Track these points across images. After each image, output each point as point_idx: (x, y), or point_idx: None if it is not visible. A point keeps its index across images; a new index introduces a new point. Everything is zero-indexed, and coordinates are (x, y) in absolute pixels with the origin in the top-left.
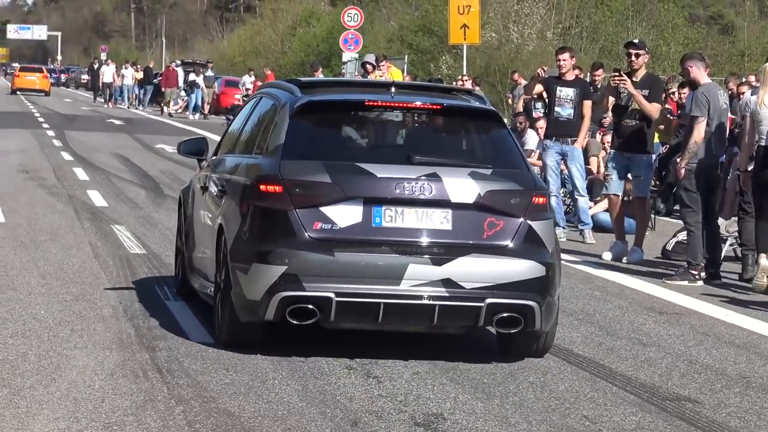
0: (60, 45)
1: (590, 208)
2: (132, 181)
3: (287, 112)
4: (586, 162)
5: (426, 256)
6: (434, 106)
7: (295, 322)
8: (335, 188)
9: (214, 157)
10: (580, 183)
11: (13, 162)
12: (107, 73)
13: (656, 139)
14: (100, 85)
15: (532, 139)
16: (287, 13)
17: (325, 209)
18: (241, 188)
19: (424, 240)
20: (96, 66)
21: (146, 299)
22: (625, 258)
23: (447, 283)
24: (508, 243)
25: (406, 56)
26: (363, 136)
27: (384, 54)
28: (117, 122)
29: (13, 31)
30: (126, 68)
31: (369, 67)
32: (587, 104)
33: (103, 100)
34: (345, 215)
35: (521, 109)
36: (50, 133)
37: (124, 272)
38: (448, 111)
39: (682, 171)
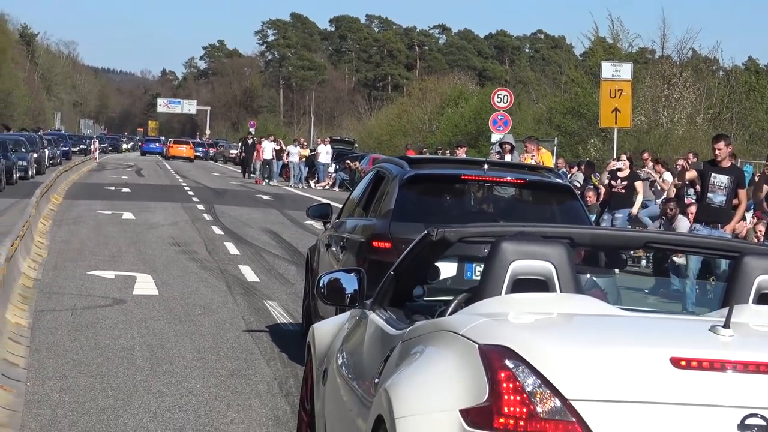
0: (209, 119)
1: None
2: (282, 257)
3: (397, 183)
4: None
5: None
6: (518, 181)
7: None
8: None
9: (336, 220)
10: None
11: (165, 235)
12: (267, 150)
13: None
14: (260, 161)
15: (683, 224)
16: (435, 92)
17: None
18: (357, 244)
19: None
20: (250, 141)
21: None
22: None
23: None
24: None
25: (556, 138)
26: (459, 203)
27: (536, 137)
28: (265, 197)
29: (163, 105)
30: (295, 145)
31: (507, 146)
32: (742, 192)
33: (262, 177)
34: (442, 269)
35: (672, 195)
36: (200, 206)
37: (278, 348)
38: (530, 185)
39: None
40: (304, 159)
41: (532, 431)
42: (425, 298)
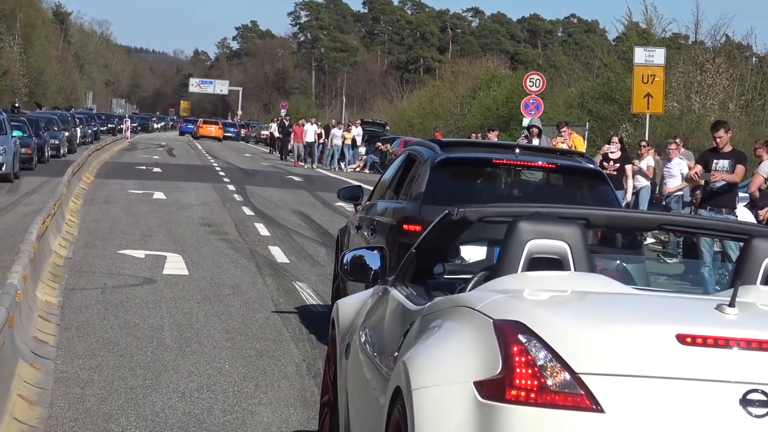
0: (240, 100)
1: None
2: (313, 239)
3: (429, 166)
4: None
5: None
6: (550, 165)
7: None
8: None
9: (367, 202)
10: (734, 254)
11: (196, 215)
12: (309, 133)
13: None
14: (299, 143)
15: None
16: (467, 76)
17: None
18: (387, 227)
19: None
20: (287, 123)
21: None
22: None
23: None
24: None
25: (587, 123)
26: (490, 187)
27: (567, 121)
28: (296, 179)
29: (195, 85)
30: (338, 128)
31: (535, 130)
32: (740, 166)
33: (303, 160)
34: (472, 252)
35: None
36: (231, 187)
37: (307, 329)
38: (561, 169)
39: None
40: (349, 141)
41: (542, 403)
42: (445, 276)
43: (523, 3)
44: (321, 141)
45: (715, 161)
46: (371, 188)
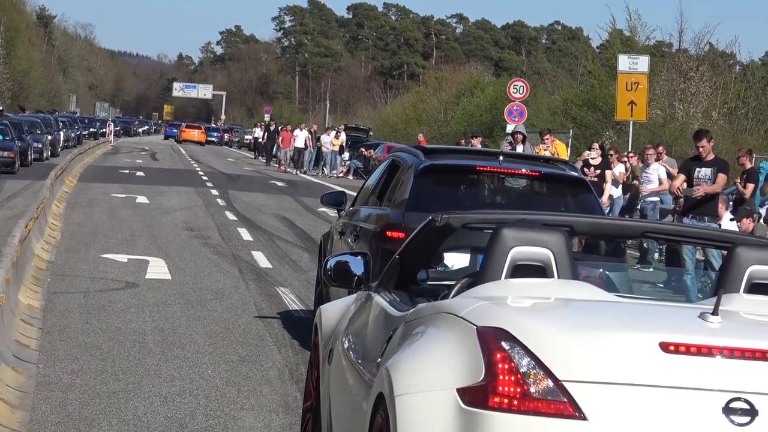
0: (224, 104)
1: None
2: (295, 244)
3: (413, 173)
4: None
5: None
6: (533, 173)
7: None
8: None
9: (350, 208)
10: (716, 262)
11: (179, 219)
12: (300, 138)
13: None
14: (287, 149)
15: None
16: (451, 82)
17: None
18: (371, 234)
19: None
20: (273, 127)
21: None
22: None
23: None
24: None
25: (571, 130)
26: (473, 194)
27: (549, 128)
28: (279, 184)
29: (178, 90)
30: (328, 134)
31: (519, 136)
32: (721, 176)
33: (293, 166)
34: (456, 259)
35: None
36: (214, 191)
37: (289, 334)
38: (544, 177)
39: None
40: (336, 148)
41: (525, 410)
42: (429, 282)
43: (507, 10)
44: (313, 149)
45: (697, 170)
46: (354, 194)
